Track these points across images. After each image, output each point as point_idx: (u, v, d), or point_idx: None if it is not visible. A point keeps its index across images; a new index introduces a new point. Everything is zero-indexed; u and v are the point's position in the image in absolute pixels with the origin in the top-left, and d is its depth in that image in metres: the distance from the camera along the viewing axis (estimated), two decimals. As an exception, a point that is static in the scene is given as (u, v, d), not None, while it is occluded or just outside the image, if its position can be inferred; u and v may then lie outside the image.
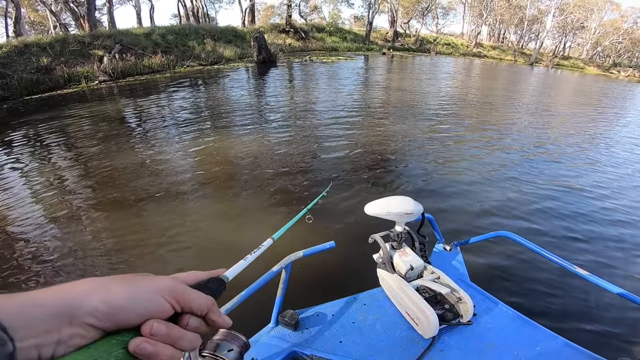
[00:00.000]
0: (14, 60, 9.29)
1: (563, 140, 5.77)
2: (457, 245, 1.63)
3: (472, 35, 33.64)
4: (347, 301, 1.29)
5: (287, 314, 1.17)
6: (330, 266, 2.24)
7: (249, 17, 22.91)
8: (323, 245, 1.22)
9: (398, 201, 1.25)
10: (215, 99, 7.71)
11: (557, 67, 28.44)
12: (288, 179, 3.53)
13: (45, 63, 9.62)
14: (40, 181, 3.61)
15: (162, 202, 3.09)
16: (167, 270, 2.22)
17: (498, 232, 1.45)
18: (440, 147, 4.83)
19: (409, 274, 1.23)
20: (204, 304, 0.32)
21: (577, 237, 2.85)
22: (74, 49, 10.94)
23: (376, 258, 1.35)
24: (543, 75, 20.30)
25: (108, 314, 0.27)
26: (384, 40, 27.70)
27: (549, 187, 3.78)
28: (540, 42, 31.83)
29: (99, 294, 0.28)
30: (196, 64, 13.46)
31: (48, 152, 4.54)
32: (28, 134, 5.30)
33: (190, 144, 4.58)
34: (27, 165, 4.08)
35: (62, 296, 0.26)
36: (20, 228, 2.73)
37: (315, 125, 5.51)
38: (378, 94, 8.60)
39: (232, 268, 0.43)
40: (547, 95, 11.78)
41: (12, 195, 3.29)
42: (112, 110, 6.60)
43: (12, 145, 4.81)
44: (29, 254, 2.42)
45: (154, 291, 0.30)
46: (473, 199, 3.36)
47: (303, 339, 1.13)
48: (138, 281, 0.30)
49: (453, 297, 1.19)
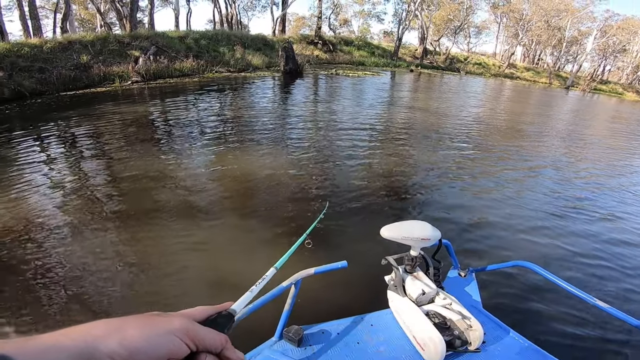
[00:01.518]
0: (57, 56, 9.85)
1: (594, 172, 5.44)
2: (473, 272, 1.62)
3: (505, 55, 32.76)
4: (353, 320, 1.27)
5: (292, 329, 1.16)
6: (340, 285, 2.23)
7: (280, 27, 23.44)
8: (335, 265, 1.21)
9: (415, 226, 1.26)
10: (239, 109, 7.78)
11: (595, 92, 27.06)
12: (301, 202, 3.42)
13: (84, 61, 10.15)
14: (54, 179, 3.67)
15: (173, 217, 3.04)
16: (169, 293, 2.17)
17: (516, 262, 1.43)
18: (462, 173, 4.61)
19: (420, 298, 1.23)
20: (218, 341, 0.33)
21: (599, 273, 2.79)
22: (113, 48, 11.50)
23: (387, 280, 1.35)
24: (579, 100, 19.39)
25: (127, 357, 0.27)
26: (413, 57, 27.48)
27: (575, 218, 3.70)
28: (578, 65, 30.49)
29: (116, 336, 0.28)
30: (225, 70, 13.81)
31: (68, 151, 4.66)
32: (53, 131, 5.47)
33: (209, 158, 4.55)
34: (42, 163, 4.18)
35: (80, 339, 0.27)
36: (25, 227, 2.75)
37: (335, 144, 5.39)
38: (402, 113, 8.40)
39: (238, 301, 0.42)
40: (582, 122, 11.18)
41: (24, 191, 3.35)
42: (140, 113, 6.77)
43: (34, 141, 4.98)
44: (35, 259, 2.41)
45: (169, 332, 0.30)
46: (494, 228, 3.27)
47: (305, 355, 1.11)
48: (152, 322, 0.31)
49: (463, 323, 1.16)
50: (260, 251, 2.62)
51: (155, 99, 8.45)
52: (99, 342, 0.27)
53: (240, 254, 2.59)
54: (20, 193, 3.35)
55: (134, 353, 0.28)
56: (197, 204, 3.29)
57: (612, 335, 2.11)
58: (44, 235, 2.70)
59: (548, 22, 30.22)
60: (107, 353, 0.27)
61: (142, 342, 0.28)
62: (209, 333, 0.33)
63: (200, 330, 0.33)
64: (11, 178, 3.66)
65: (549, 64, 34.08)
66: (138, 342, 0.28)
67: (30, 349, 0.25)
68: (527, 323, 2.13)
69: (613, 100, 23.56)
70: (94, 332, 0.28)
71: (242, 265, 2.45)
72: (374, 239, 2.65)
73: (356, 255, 2.48)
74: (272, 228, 2.92)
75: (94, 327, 0.29)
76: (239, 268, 2.43)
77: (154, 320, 0.31)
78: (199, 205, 3.27)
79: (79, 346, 0.26)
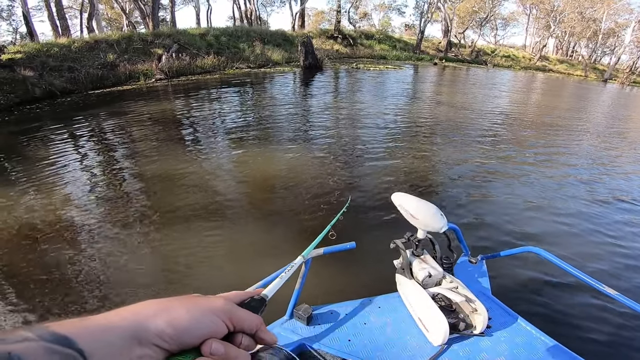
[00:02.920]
0: (84, 55, 10.09)
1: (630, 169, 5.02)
2: (483, 259, 1.60)
3: (536, 47, 31.03)
4: (361, 302, 1.30)
5: (302, 308, 1.19)
6: (350, 267, 2.28)
7: (299, 22, 23.20)
8: (344, 245, 1.22)
9: (424, 208, 1.23)
10: (259, 105, 7.63)
11: (634, 85, 25.25)
12: (315, 197, 3.35)
13: (111, 59, 10.35)
14: (83, 178, 3.64)
15: (201, 213, 2.96)
16: (202, 286, 2.18)
17: (527, 248, 1.42)
18: (488, 171, 4.38)
19: (427, 281, 1.24)
20: (254, 323, 0.34)
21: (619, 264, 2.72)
22: (137, 47, 11.69)
23: (396, 263, 1.36)
24: (617, 93, 18.15)
25: (174, 335, 0.29)
26: (436, 50, 26.49)
27: (610, 213, 3.55)
28: (616, 58, 28.47)
29: (164, 316, 0.29)
30: (245, 66, 13.76)
31: (93, 149, 4.65)
32: (82, 129, 5.52)
33: (233, 155, 4.43)
34: (72, 160, 4.17)
35: (131, 318, 0.28)
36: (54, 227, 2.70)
37: (355, 141, 5.13)
38: (425, 109, 7.96)
39: (270, 287, 0.44)
40: (621, 116, 10.36)
41: (56, 188, 3.33)
42: (164, 110, 6.74)
43: (64, 139, 5.02)
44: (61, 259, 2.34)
45: (212, 312, 0.32)
46: (515, 226, 3.17)
47: (314, 333, 1.15)
48: (197, 303, 0.32)
49: (468, 307, 1.17)
50: (288, 243, 2.65)
51: (179, 96, 8.46)
52: (149, 321, 0.28)
53: (267, 246, 2.59)
54: (52, 190, 3.34)
55: (181, 332, 0.29)
56: (223, 200, 3.22)
57: (621, 323, 2.08)
58: (73, 232, 2.66)
59: (582, 14, 28.30)
60: (156, 332, 0.28)
61: (188, 322, 0.29)
62: (246, 314, 0.34)
63: (238, 311, 0.34)
64: (42, 175, 3.67)
65: (584, 56, 31.97)
66: (184, 322, 0.29)
67: (87, 330, 0.26)
68: (536, 310, 2.13)
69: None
70: (145, 311, 0.29)
71: (269, 257, 2.45)
72: (390, 229, 2.82)
73: (373, 243, 2.48)
74: (297, 222, 2.93)
75: (145, 307, 0.30)
76: (267, 260, 2.41)
77: (198, 301, 0.32)
78: (225, 201, 3.20)
79: (131, 325, 0.28)
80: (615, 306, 2.14)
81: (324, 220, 0.90)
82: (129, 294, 2.08)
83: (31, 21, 13.04)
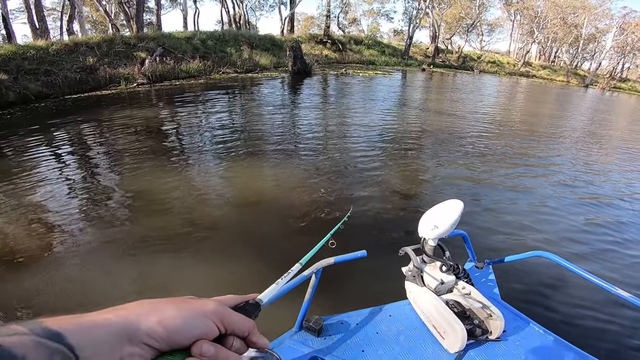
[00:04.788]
0: (63, 58, 9.70)
1: (614, 170, 5.30)
2: (490, 264, 1.60)
3: (520, 53, 31.76)
4: (372, 311, 1.28)
5: (312, 319, 1.16)
6: (359, 275, 2.27)
7: (288, 26, 23.13)
8: (355, 254, 1.19)
9: (432, 215, 1.24)
10: (245, 113, 7.48)
11: (614, 90, 26.13)
12: (312, 205, 3.30)
13: (91, 63, 9.99)
14: (55, 192, 3.39)
15: (189, 223, 2.81)
16: (199, 293, 1.98)
17: (535, 252, 1.40)
18: (477, 175, 4.48)
19: (439, 288, 1.21)
20: (245, 326, 0.35)
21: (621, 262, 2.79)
22: (119, 50, 11.34)
23: (405, 271, 1.34)
24: (598, 99, 18.73)
25: (164, 335, 0.29)
26: (424, 55, 26.81)
27: (595, 212, 3.77)
28: (597, 63, 29.38)
29: (156, 315, 0.30)
30: (232, 70, 13.55)
31: (66, 160, 4.38)
32: (47, 139, 5.18)
33: (216, 167, 4.24)
34: (40, 172, 3.91)
35: (122, 316, 0.29)
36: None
37: (344, 149, 5.05)
38: (413, 116, 7.96)
39: (265, 292, 0.44)
40: (604, 121, 10.70)
41: (22, 206, 3.07)
42: (143, 117, 6.47)
43: (31, 149, 4.72)
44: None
45: (204, 314, 0.32)
46: (513, 226, 3.26)
47: (325, 345, 1.12)
48: (189, 304, 0.32)
49: (483, 312, 1.16)
50: (284, 252, 2.58)
51: (160, 102, 8.20)
52: (140, 320, 0.29)
53: (267, 255, 2.54)
54: (18, 207, 3.07)
55: (171, 332, 0.29)
56: (212, 217, 3.05)
57: (634, 324, 2.07)
58: (33, 256, 2.41)
59: (564, 19, 29.16)
60: (147, 331, 0.28)
61: (179, 322, 0.30)
62: (238, 317, 0.34)
63: (231, 314, 0.34)
64: (8, 188, 3.40)
65: (565, 62, 32.90)
66: (175, 322, 0.30)
67: (80, 326, 0.26)
68: (547, 314, 2.11)
69: (633, 98, 22.82)
70: (137, 310, 0.30)
71: (271, 264, 2.39)
72: (390, 230, 2.85)
73: (380, 251, 2.38)
74: (293, 235, 2.85)
75: (137, 306, 0.30)
76: (268, 268, 2.35)
77: (190, 303, 0.33)
78: (214, 218, 3.04)
79: (122, 323, 0.28)
80: (627, 308, 2.13)
81: (325, 229, 0.89)
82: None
83: (10, 23, 12.54)
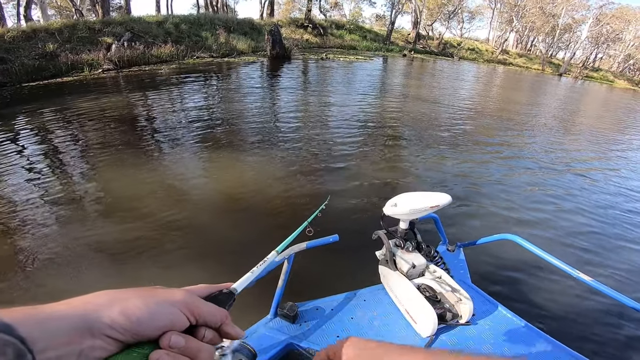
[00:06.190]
0: (20, 45, 9.01)
1: (581, 155, 5.58)
2: (461, 247, 1.62)
3: (498, 41, 32.17)
4: (346, 296, 1.28)
5: (287, 306, 1.16)
6: (332, 260, 2.26)
7: (268, 10, 22.39)
8: (327, 238, 1.19)
9: (405, 198, 1.23)
10: (219, 99, 7.24)
11: (586, 79, 27.08)
12: (290, 194, 3.31)
13: (51, 49, 9.32)
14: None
15: (168, 217, 2.76)
16: (172, 280, 2.12)
17: (503, 235, 1.43)
18: (453, 160, 4.66)
19: (411, 272, 1.23)
20: (218, 316, 0.33)
21: (586, 248, 2.91)
22: (82, 36, 10.63)
23: (379, 255, 1.34)
24: (571, 87, 19.39)
25: (127, 326, 0.27)
26: (406, 41, 26.68)
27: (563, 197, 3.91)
28: (572, 53, 30.22)
29: (118, 305, 0.28)
30: (207, 55, 13.02)
31: (18, 154, 4.12)
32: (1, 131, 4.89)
33: (189, 157, 4.09)
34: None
35: (82, 308, 0.27)
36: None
37: (322, 137, 5.01)
38: (391, 103, 7.98)
39: (239, 281, 0.43)
40: (574, 108, 11.24)
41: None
42: (111, 105, 6.14)
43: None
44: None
45: (170, 303, 0.30)
46: (483, 208, 3.42)
47: (301, 331, 1.13)
48: (154, 294, 0.31)
49: (454, 297, 1.18)
50: (263, 243, 2.46)
51: (128, 88, 7.80)
52: (100, 311, 0.27)
53: (242, 248, 2.51)
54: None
55: (135, 323, 0.28)
56: (187, 208, 2.98)
57: (594, 308, 2.15)
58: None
59: (543, 9, 29.64)
60: (108, 322, 0.27)
61: (143, 312, 0.28)
62: (209, 307, 0.33)
63: (200, 304, 0.32)
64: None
65: (541, 50, 33.67)
66: (139, 312, 0.28)
67: (33, 318, 0.25)
68: (514, 297, 2.18)
69: (604, 87, 23.78)
70: (96, 301, 0.28)
71: (248, 254, 2.36)
72: (364, 214, 2.92)
73: (354, 236, 2.38)
74: (272, 223, 2.83)
75: (97, 296, 0.29)
76: (245, 258, 2.27)
77: (156, 292, 0.31)
78: (190, 208, 2.98)
79: (80, 314, 0.26)
80: (588, 291, 2.20)
81: (303, 219, 0.87)
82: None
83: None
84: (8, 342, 0.22)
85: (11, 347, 0.22)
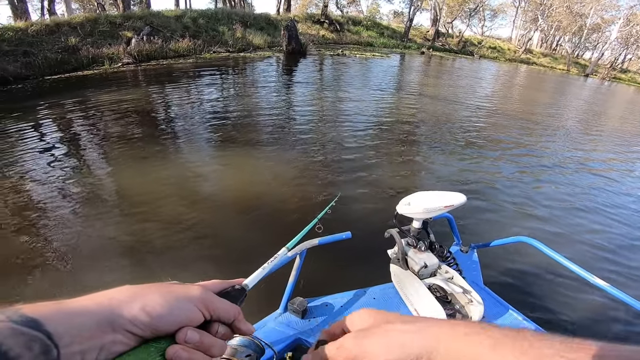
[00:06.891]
0: (43, 39, 9.23)
1: (605, 160, 5.26)
2: (474, 248, 1.60)
3: (522, 40, 31.06)
4: (356, 293, 1.28)
5: (297, 301, 1.16)
6: (343, 257, 2.24)
7: (285, 5, 22.27)
8: (339, 235, 1.18)
9: (419, 197, 1.20)
10: (235, 94, 7.21)
11: (614, 80, 25.96)
12: (303, 191, 3.28)
13: (73, 43, 9.52)
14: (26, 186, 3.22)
15: (184, 212, 2.73)
16: (185, 275, 2.13)
17: (518, 237, 1.41)
18: (470, 163, 4.44)
19: (422, 271, 1.21)
20: (231, 312, 0.34)
21: (604, 252, 2.79)
22: (104, 30, 10.81)
23: (390, 253, 1.33)
24: (597, 88, 18.59)
25: (147, 322, 0.28)
26: (424, 38, 26.08)
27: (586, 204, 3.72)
28: (600, 53, 28.90)
29: (138, 301, 0.29)
30: (223, 50, 13.06)
31: (36, 147, 4.18)
32: (17, 123, 4.99)
33: (204, 153, 4.09)
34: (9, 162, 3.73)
35: (105, 303, 0.28)
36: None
37: (336, 134, 4.89)
38: (408, 101, 7.74)
39: (251, 277, 0.43)
40: (602, 110, 10.64)
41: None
42: (130, 98, 6.18)
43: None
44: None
45: (188, 300, 0.31)
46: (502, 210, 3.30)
47: (309, 327, 1.13)
48: (172, 290, 0.32)
49: (464, 298, 1.16)
50: (275, 239, 2.50)
51: (146, 82, 7.88)
52: (122, 307, 0.28)
53: (254, 244, 2.50)
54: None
55: (154, 318, 0.29)
56: (202, 204, 2.97)
57: (611, 314, 2.07)
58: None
59: (570, 8, 28.39)
60: (129, 318, 0.28)
61: (163, 309, 0.29)
62: (223, 304, 0.34)
63: (215, 300, 0.34)
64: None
65: (567, 50, 32.31)
66: (158, 308, 0.29)
67: (59, 313, 0.26)
68: (526, 300, 2.12)
69: (631, 89, 22.81)
70: (118, 297, 0.29)
71: (259, 250, 2.36)
72: (381, 219, 2.80)
73: (367, 233, 2.27)
74: (284, 219, 2.83)
75: (119, 292, 0.29)
76: (257, 254, 2.31)
77: (174, 288, 0.32)
78: (205, 203, 2.99)
79: (103, 310, 0.27)
80: (604, 297, 2.13)
81: (313, 215, 0.82)
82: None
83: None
84: (35, 337, 0.23)
85: (38, 342, 0.23)
